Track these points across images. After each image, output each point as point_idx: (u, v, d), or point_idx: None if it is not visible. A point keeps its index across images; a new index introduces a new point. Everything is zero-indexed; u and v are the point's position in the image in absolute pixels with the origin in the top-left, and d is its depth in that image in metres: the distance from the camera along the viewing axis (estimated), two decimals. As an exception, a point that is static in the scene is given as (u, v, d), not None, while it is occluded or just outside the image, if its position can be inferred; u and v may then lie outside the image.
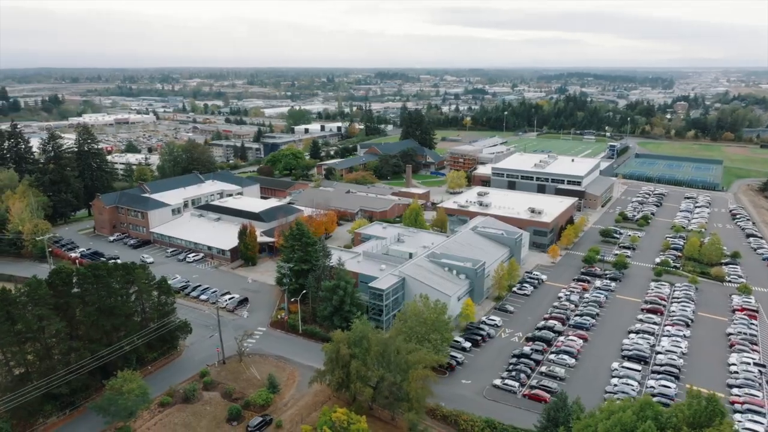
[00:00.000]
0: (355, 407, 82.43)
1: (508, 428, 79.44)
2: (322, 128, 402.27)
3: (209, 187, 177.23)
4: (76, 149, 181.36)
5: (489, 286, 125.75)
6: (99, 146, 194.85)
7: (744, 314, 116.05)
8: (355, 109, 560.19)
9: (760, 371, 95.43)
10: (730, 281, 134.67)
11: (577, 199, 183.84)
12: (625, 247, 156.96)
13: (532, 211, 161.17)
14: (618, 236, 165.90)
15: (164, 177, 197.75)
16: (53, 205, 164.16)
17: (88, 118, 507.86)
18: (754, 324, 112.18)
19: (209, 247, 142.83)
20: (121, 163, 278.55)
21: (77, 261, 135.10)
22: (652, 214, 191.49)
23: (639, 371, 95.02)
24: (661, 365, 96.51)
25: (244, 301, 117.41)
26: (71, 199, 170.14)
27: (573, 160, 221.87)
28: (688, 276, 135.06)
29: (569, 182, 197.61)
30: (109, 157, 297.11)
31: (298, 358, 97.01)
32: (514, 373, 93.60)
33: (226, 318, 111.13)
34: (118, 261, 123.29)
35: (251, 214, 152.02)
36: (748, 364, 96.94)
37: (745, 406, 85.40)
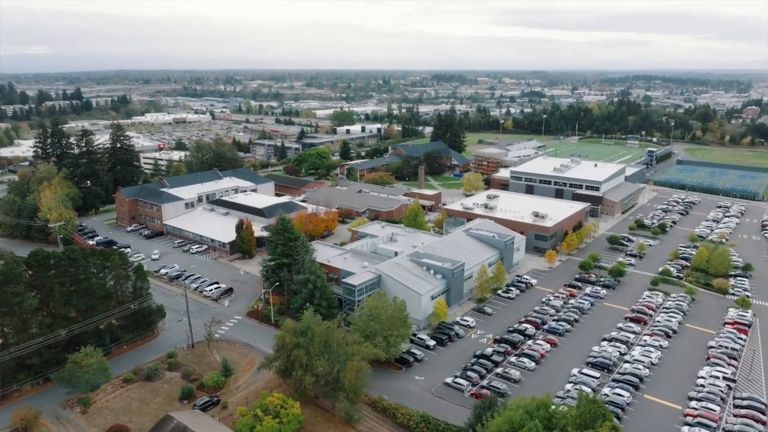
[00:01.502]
0: (299, 394, 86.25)
1: (442, 424, 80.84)
2: (363, 129, 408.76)
3: (225, 184, 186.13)
4: (109, 145, 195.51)
5: (472, 287, 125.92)
6: (131, 143, 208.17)
7: (734, 328, 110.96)
8: (404, 111, 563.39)
9: (728, 386, 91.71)
10: (733, 294, 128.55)
11: (588, 204, 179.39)
12: (631, 255, 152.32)
13: (536, 215, 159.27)
14: (627, 244, 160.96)
15: (191, 173, 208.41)
16: (83, 197, 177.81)
17: (149, 117, 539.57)
18: (741, 338, 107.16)
19: (212, 240, 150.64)
20: (165, 160, 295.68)
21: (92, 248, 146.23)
22: (674, 222, 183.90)
23: (597, 378, 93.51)
24: (623, 374, 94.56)
25: (228, 291, 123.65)
26: (100, 191, 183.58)
27: (596, 165, 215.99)
28: (687, 286, 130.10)
29: (587, 187, 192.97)
30: (156, 154, 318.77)
31: (262, 347, 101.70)
32: (465, 373, 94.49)
33: (209, 306, 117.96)
34: (128, 249, 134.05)
35: (255, 209, 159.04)
36: (717, 378, 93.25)
37: (697, 419, 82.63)
